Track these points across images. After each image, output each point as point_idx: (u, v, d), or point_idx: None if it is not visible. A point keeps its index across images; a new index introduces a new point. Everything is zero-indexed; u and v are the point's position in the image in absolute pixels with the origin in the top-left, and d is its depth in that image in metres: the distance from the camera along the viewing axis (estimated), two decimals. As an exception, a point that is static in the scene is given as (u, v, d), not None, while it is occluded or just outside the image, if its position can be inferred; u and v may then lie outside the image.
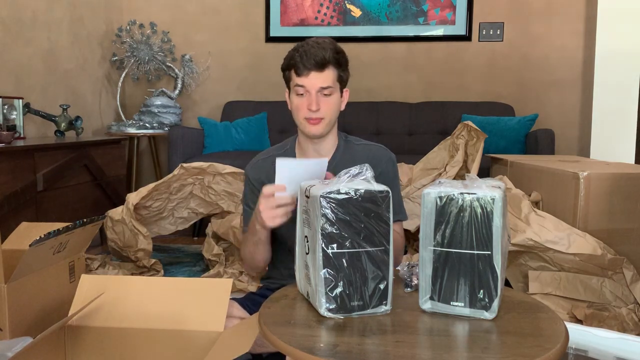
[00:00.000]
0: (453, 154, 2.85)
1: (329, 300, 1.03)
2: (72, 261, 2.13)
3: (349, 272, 1.04)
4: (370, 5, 4.05)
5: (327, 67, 1.48)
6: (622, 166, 2.41)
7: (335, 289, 1.03)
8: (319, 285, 1.03)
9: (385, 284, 1.06)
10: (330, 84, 1.49)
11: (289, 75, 1.53)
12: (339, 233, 1.03)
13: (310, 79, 1.47)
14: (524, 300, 1.17)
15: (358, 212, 1.04)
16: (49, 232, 1.82)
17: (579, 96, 3.91)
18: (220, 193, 2.76)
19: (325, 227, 1.02)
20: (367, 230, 1.04)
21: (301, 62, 1.47)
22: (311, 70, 1.47)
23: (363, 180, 1.08)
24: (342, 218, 1.03)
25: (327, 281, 1.03)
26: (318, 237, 1.03)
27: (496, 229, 1.01)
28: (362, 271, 1.04)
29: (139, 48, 4.01)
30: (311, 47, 1.49)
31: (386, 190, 1.06)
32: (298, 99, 1.51)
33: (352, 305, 1.04)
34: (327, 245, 1.03)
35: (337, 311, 1.04)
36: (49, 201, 2.72)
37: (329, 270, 1.03)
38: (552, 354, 0.90)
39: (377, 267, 1.05)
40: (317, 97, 1.48)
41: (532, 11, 3.93)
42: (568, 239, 2.00)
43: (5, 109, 2.99)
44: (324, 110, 1.50)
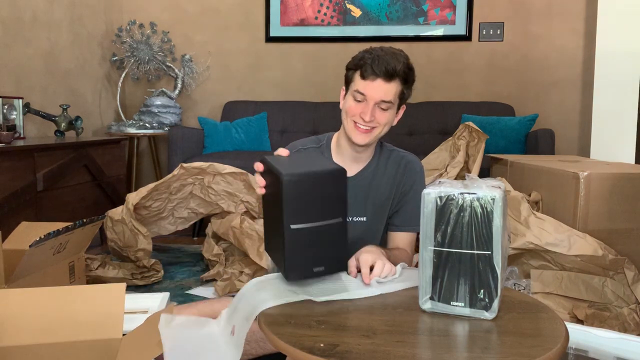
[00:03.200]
0: (454, 154, 2.85)
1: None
2: (72, 261, 2.13)
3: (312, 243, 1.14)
4: (370, 5, 4.05)
5: (394, 80, 1.42)
6: (622, 166, 2.41)
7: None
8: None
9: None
10: (391, 99, 1.43)
11: (351, 76, 1.47)
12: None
13: (374, 86, 1.41)
14: (524, 300, 1.17)
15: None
16: (49, 233, 1.82)
17: (579, 96, 3.91)
18: (220, 193, 2.76)
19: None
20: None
21: (371, 66, 1.40)
22: (378, 77, 1.41)
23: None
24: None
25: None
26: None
27: (496, 229, 1.01)
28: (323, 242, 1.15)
29: (139, 48, 4.01)
30: (385, 54, 1.42)
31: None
32: (353, 103, 1.45)
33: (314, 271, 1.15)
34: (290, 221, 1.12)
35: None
36: (49, 201, 2.72)
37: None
38: (552, 354, 0.90)
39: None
40: (374, 108, 1.43)
41: (532, 11, 3.93)
42: (568, 240, 2.00)
43: (5, 109, 2.99)
44: (377, 121, 1.45)
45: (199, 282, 2.61)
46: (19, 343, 1.20)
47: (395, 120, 1.51)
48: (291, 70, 4.16)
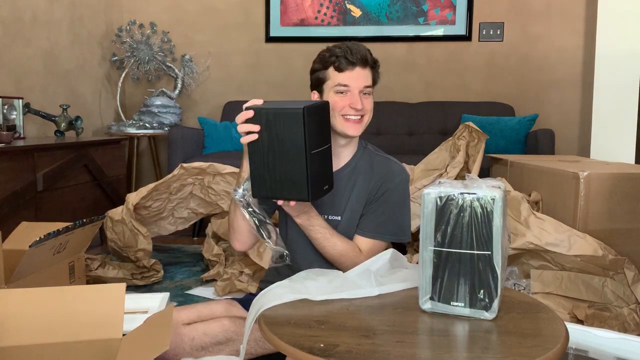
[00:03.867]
0: (454, 154, 2.85)
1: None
2: (72, 261, 2.13)
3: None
4: (370, 5, 4.05)
5: (367, 65, 1.46)
6: (622, 166, 2.41)
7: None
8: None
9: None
10: (371, 83, 1.48)
11: (324, 76, 1.49)
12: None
13: (354, 75, 1.44)
14: (524, 300, 1.17)
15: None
16: (48, 233, 1.82)
17: (579, 96, 3.91)
18: (220, 193, 2.76)
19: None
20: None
21: (345, 57, 1.44)
22: (356, 65, 1.44)
23: None
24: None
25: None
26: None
27: (496, 229, 1.01)
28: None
29: (139, 48, 4.01)
30: (352, 45, 1.47)
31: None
32: (338, 97, 1.46)
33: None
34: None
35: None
36: (49, 201, 2.72)
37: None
38: (552, 354, 0.90)
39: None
40: (359, 96, 1.45)
41: (532, 11, 3.93)
42: (569, 240, 2.00)
43: (5, 109, 2.99)
44: (365, 109, 1.48)
45: (199, 282, 2.61)
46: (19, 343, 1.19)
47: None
48: (291, 70, 4.16)
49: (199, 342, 1.39)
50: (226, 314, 1.48)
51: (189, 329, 1.40)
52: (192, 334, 1.39)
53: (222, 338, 1.41)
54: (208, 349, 1.40)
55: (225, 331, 1.42)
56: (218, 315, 1.46)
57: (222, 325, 1.42)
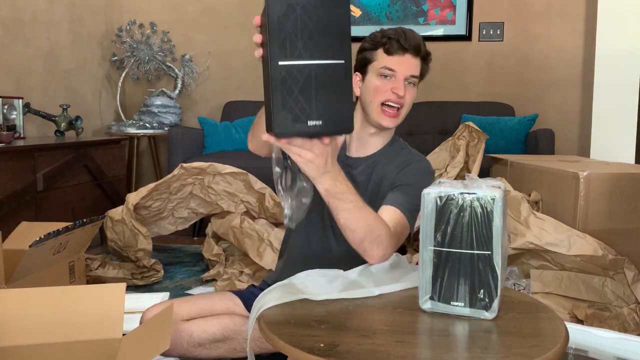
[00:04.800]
0: (454, 154, 2.85)
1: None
2: (72, 261, 2.13)
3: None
4: (370, 5, 4.05)
5: (419, 55, 1.38)
6: (622, 166, 2.41)
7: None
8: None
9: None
10: (419, 74, 1.39)
11: (371, 56, 1.39)
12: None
13: (404, 61, 1.35)
14: (524, 300, 1.17)
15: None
16: (48, 233, 1.82)
17: (579, 96, 3.91)
18: (220, 193, 2.76)
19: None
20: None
21: (397, 41, 1.35)
22: (407, 52, 1.35)
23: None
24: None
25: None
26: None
27: (496, 229, 1.01)
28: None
29: (139, 48, 4.01)
30: (408, 31, 1.37)
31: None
32: (380, 80, 1.37)
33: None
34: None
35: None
36: (49, 201, 2.72)
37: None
38: (552, 353, 0.90)
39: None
40: (404, 84, 1.37)
41: (532, 11, 3.93)
42: (568, 240, 2.00)
43: (5, 109, 2.99)
44: (406, 100, 1.38)
45: (199, 282, 2.61)
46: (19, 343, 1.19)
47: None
48: (291, 70, 4.15)
49: (196, 339, 1.39)
50: (227, 311, 1.47)
51: (188, 324, 1.40)
52: (191, 329, 1.39)
53: (220, 336, 1.41)
54: (205, 346, 1.40)
55: (224, 329, 1.42)
56: (219, 312, 1.46)
57: (221, 323, 1.42)
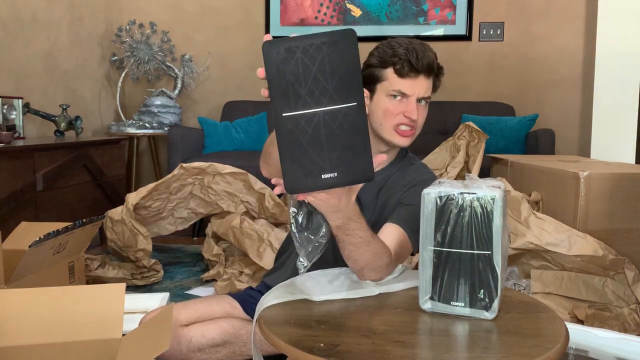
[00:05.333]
0: (454, 154, 2.85)
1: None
2: (72, 261, 2.13)
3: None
4: (370, 5, 4.04)
5: (432, 75, 1.31)
6: (622, 166, 2.41)
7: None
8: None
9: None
10: (430, 94, 1.34)
11: (380, 75, 1.31)
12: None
13: (416, 84, 1.29)
14: (524, 300, 1.17)
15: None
16: (48, 233, 1.82)
17: (579, 96, 3.91)
18: (220, 193, 2.76)
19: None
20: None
21: (409, 62, 1.27)
22: (420, 73, 1.28)
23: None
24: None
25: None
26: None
27: (496, 229, 1.01)
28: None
29: (138, 48, 4.01)
30: (419, 47, 1.28)
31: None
32: (391, 103, 1.31)
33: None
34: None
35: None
36: (49, 201, 2.72)
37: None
38: (552, 353, 0.90)
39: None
40: (416, 105, 1.30)
41: (532, 11, 3.93)
42: (569, 240, 2.00)
43: (5, 109, 2.99)
44: (418, 121, 1.34)
45: (199, 282, 2.61)
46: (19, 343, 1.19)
47: None
48: (291, 70, 4.15)
49: (196, 344, 1.38)
50: (225, 315, 1.47)
51: (187, 330, 1.39)
52: (190, 335, 1.39)
53: (219, 340, 1.41)
54: (205, 351, 1.39)
55: (223, 333, 1.41)
56: (217, 317, 1.45)
57: (220, 327, 1.42)
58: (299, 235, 1.09)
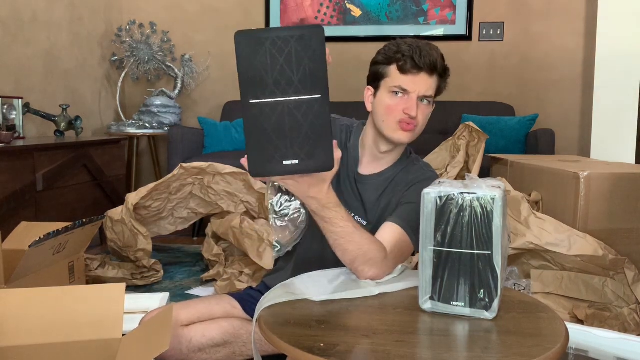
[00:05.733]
0: (454, 154, 2.85)
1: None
2: (72, 261, 2.13)
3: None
4: (370, 5, 4.04)
5: (435, 73, 1.32)
6: (623, 166, 2.41)
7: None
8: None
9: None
10: (434, 93, 1.35)
11: (384, 72, 1.34)
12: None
13: (417, 81, 1.30)
14: (524, 300, 1.17)
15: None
16: (48, 233, 1.82)
17: (579, 96, 3.91)
18: (220, 193, 2.76)
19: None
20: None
21: (411, 59, 1.29)
22: (422, 70, 1.30)
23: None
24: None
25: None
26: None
27: (496, 229, 1.01)
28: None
29: (138, 48, 4.01)
30: (424, 46, 1.30)
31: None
32: (393, 99, 1.32)
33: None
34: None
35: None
36: (49, 201, 2.72)
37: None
38: (552, 353, 0.90)
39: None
40: (417, 102, 1.32)
41: (532, 11, 3.93)
42: (569, 240, 2.00)
43: (5, 108, 2.99)
44: (419, 119, 1.34)
45: (199, 282, 2.61)
46: (19, 343, 1.19)
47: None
48: (291, 70, 4.15)
49: (196, 344, 1.38)
50: (225, 315, 1.47)
51: (188, 330, 1.40)
52: (190, 335, 1.39)
53: (219, 340, 1.41)
54: (205, 351, 1.40)
55: (224, 333, 1.41)
56: (218, 317, 1.45)
57: (220, 327, 1.42)
58: (273, 220, 1.12)
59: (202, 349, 1.39)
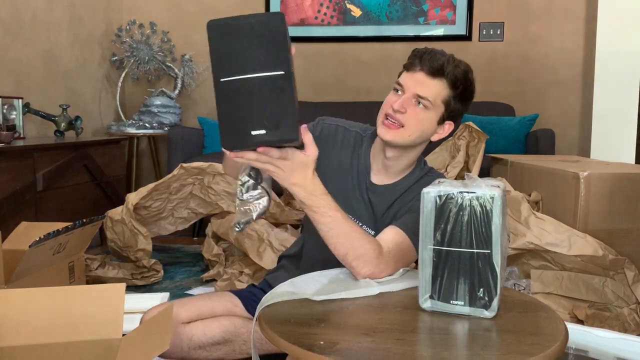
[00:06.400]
0: (454, 154, 2.85)
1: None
2: (72, 261, 2.13)
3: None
4: (370, 5, 4.05)
5: (438, 77, 1.30)
6: (622, 166, 2.41)
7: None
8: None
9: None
10: (430, 97, 1.29)
11: (399, 75, 1.37)
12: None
13: (414, 78, 1.30)
14: (523, 299, 1.17)
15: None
16: (48, 233, 1.82)
17: (579, 96, 3.91)
18: (220, 193, 2.76)
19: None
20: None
21: (417, 58, 1.31)
22: (421, 70, 1.30)
23: None
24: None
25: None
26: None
27: (495, 228, 1.01)
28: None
29: (138, 48, 4.01)
30: (435, 51, 1.32)
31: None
32: (391, 96, 1.33)
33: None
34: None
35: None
36: (49, 201, 2.72)
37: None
38: (551, 351, 0.90)
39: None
40: (408, 100, 1.30)
41: (532, 11, 3.93)
42: (569, 240, 2.00)
43: (5, 109, 2.99)
44: (408, 118, 1.30)
45: (199, 282, 2.61)
46: (19, 343, 1.18)
47: (436, 136, 1.37)
48: (291, 70, 4.15)
49: (197, 342, 1.39)
50: (226, 313, 1.47)
51: (189, 327, 1.40)
52: (191, 332, 1.39)
53: (220, 338, 1.41)
54: (205, 348, 1.40)
55: (224, 332, 1.42)
56: (218, 314, 1.46)
57: (221, 325, 1.42)
58: (237, 203, 1.16)
59: (203, 346, 1.39)
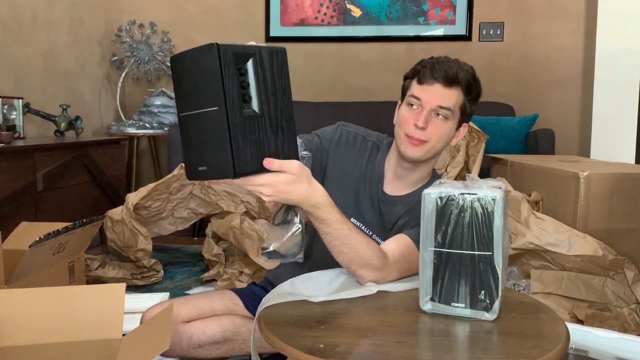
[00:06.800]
0: (454, 154, 2.85)
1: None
2: (72, 262, 2.13)
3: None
4: (370, 5, 4.04)
5: (454, 86, 1.29)
6: (622, 166, 2.41)
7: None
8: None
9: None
10: (450, 106, 1.29)
11: (408, 85, 1.35)
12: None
13: (431, 91, 1.29)
14: (524, 300, 1.17)
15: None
16: (48, 233, 1.82)
17: (579, 96, 3.91)
18: (220, 193, 2.76)
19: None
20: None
21: (429, 70, 1.29)
22: (437, 81, 1.28)
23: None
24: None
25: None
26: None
27: (497, 230, 1.00)
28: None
29: (138, 48, 4.01)
30: (447, 60, 1.31)
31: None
32: (407, 111, 1.32)
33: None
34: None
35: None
36: (49, 201, 2.72)
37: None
38: (553, 354, 0.90)
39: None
40: (429, 115, 1.29)
41: (532, 11, 3.93)
42: (569, 240, 2.00)
43: (5, 109, 2.99)
44: (431, 133, 1.29)
45: (199, 282, 2.61)
46: (19, 343, 1.18)
47: (454, 140, 1.36)
48: (291, 70, 4.13)
49: (196, 341, 1.39)
50: (227, 311, 1.47)
51: (189, 326, 1.40)
52: (191, 331, 1.39)
53: (219, 337, 1.41)
54: (205, 347, 1.40)
55: (224, 331, 1.42)
56: (219, 313, 1.46)
57: (221, 324, 1.42)
58: (270, 228, 1.15)
59: (202, 345, 1.40)
